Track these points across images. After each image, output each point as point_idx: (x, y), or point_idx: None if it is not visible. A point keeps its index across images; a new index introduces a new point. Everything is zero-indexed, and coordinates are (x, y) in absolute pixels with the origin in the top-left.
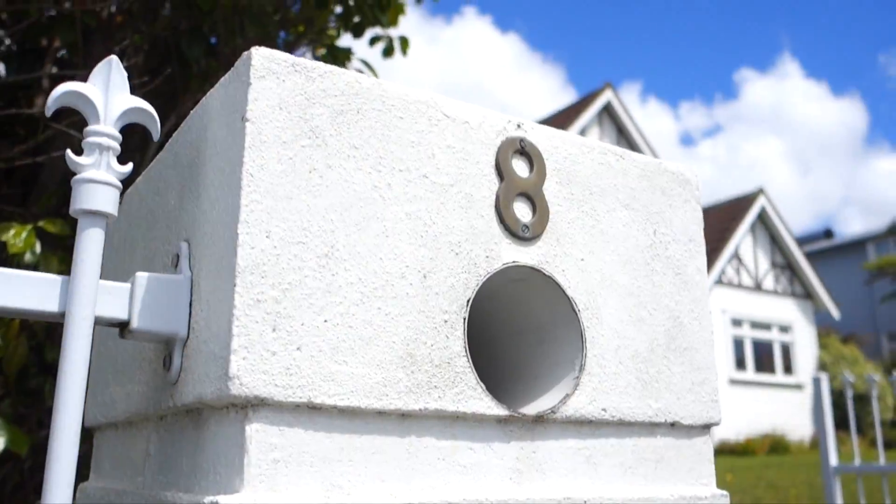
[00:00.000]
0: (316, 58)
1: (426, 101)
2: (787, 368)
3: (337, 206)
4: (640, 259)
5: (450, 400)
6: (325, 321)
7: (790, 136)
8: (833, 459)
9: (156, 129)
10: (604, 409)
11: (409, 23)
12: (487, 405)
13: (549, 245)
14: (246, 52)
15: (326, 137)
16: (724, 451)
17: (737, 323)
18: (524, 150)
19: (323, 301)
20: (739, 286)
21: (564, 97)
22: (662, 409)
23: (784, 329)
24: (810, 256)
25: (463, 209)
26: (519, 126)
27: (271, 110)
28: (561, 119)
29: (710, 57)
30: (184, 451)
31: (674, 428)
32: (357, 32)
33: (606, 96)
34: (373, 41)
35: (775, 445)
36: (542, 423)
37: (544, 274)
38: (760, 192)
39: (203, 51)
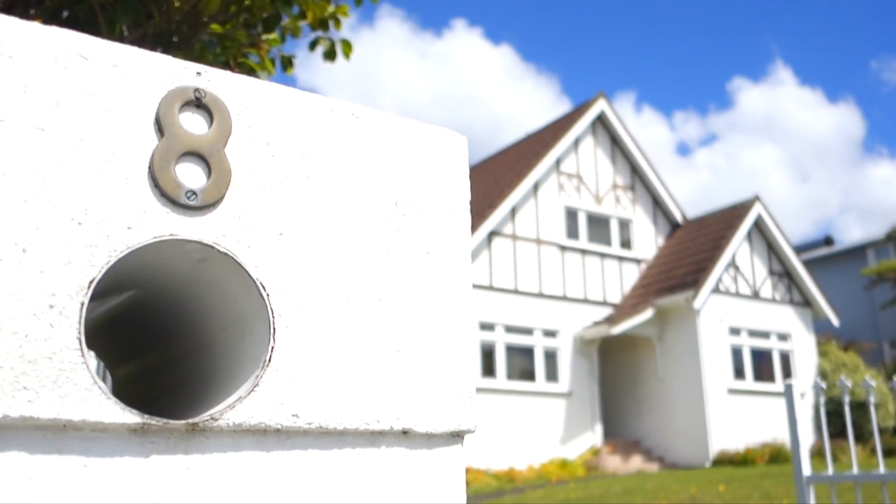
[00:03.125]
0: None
1: (55, 39)
2: (787, 377)
3: None
4: (371, 235)
5: (47, 405)
6: None
7: (787, 144)
8: (806, 469)
9: None
10: (296, 415)
11: (397, 37)
12: (110, 411)
13: (230, 216)
14: None
15: None
16: (723, 462)
17: (735, 332)
18: (201, 103)
19: None
20: (737, 294)
21: (560, 108)
22: (389, 413)
23: (783, 337)
24: (811, 264)
25: (96, 170)
26: (199, 74)
27: None
28: (554, 129)
29: (703, 66)
30: None
31: (407, 437)
32: (267, 27)
33: (600, 106)
34: (313, 44)
35: (775, 455)
36: (200, 434)
37: (219, 250)
38: (756, 199)
39: None
